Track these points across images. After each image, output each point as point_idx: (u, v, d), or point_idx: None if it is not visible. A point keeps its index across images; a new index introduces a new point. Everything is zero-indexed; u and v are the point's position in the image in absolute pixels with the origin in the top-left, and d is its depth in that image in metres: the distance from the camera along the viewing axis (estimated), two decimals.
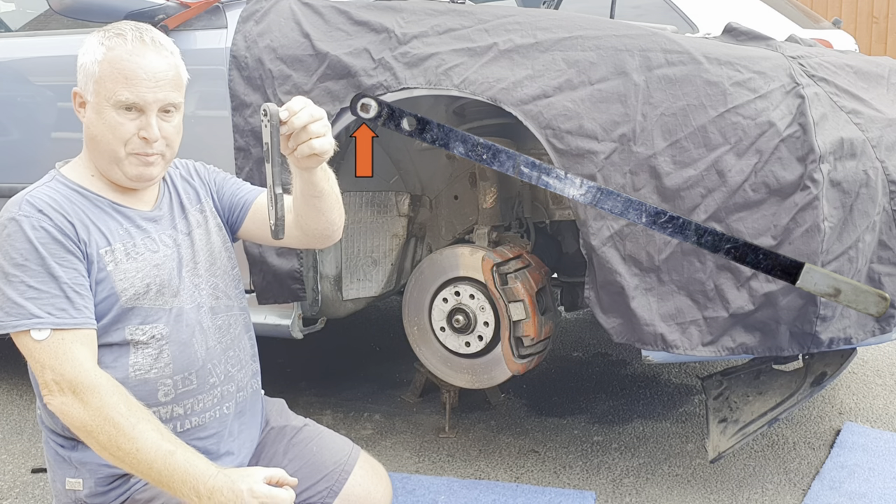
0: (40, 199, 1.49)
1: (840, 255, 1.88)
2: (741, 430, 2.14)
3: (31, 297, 1.42)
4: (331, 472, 1.75)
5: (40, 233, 1.45)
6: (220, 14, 2.41)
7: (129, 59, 1.50)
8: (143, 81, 1.49)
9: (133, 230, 1.56)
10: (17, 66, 2.71)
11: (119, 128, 1.50)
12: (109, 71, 1.49)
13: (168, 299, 1.57)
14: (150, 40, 1.53)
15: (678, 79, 1.92)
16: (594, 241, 1.95)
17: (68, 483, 1.56)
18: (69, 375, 1.41)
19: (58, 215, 1.48)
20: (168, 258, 1.59)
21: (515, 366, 2.27)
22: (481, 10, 2.16)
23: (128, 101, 1.49)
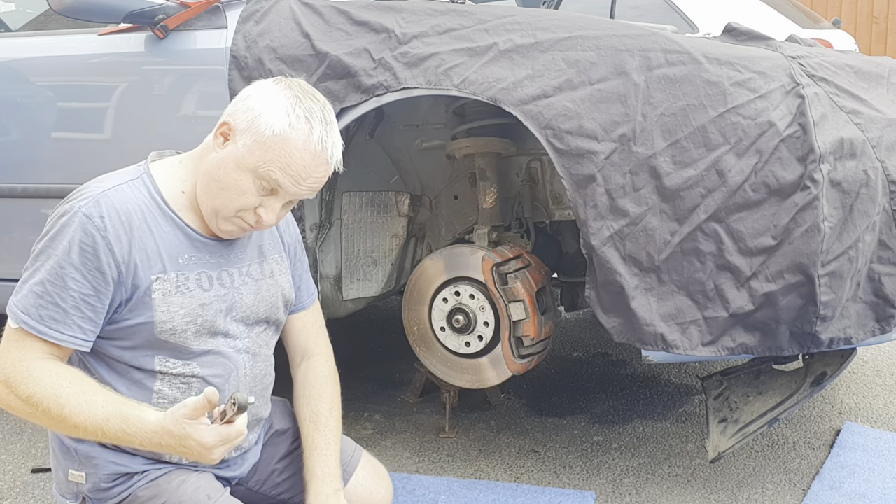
0: (113, 203, 1.44)
1: (840, 255, 1.88)
2: (741, 430, 2.14)
3: (37, 291, 1.41)
4: None
5: (87, 238, 1.41)
6: (220, 14, 2.41)
7: (301, 151, 1.43)
8: (298, 180, 1.44)
9: (193, 261, 1.51)
10: (17, 66, 2.71)
11: (244, 196, 1.45)
12: (279, 148, 1.42)
13: (206, 340, 1.53)
14: (330, 145, 1.46)
15: (678, 79, 1.92)
16: (594, 241, 1.95)
17: (71, 475, 1.55)
18: (10, 369, 1.41)
19: (118, 228, 1.43)
20: (218, 299, 1.53)
21: (515, 366, 2.27)
22: (481, 10, 2.16)
23: (272, 183, 1.44)
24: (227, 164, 1.45)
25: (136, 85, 2.49)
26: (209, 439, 1.33)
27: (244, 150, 1.43)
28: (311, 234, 2.31)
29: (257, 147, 1.43)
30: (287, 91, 1.46)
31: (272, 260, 1.65)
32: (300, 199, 1.50)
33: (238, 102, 1.48)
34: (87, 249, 1.41)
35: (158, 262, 1.47)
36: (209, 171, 1.47)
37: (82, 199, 1.43)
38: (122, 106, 2.51)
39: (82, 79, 2.59)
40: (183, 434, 1.34)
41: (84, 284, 1.41)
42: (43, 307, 1.41)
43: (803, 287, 1.88)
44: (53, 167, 2.64)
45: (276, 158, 1.42)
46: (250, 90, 1.48)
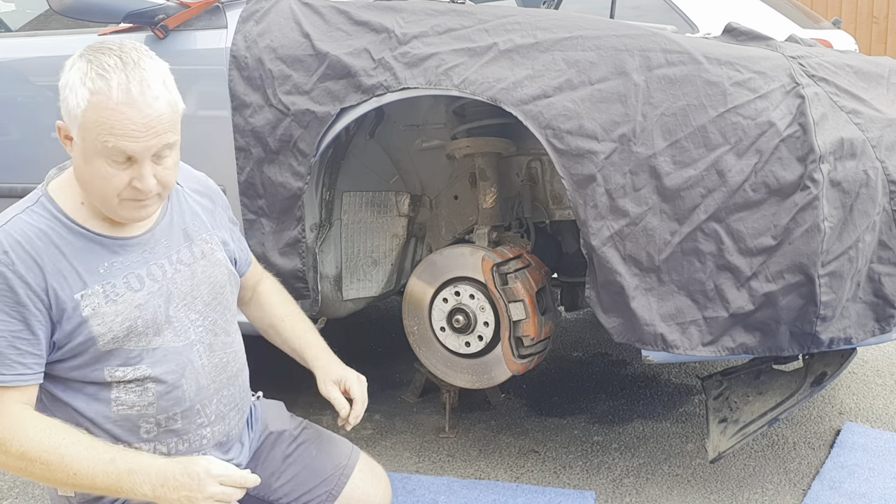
0: (14, 235, 1.39)
1: (840, 255, 1.88)
2: (741, 430, 2.14)
3: None
4: (330, 476, 1.74)
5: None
6: (220, 14, 2.41)
7: (116, 109, 1.35)
8: (136, 135, 1.36)
9: (116, 266, 1.46)
10: (17, 66, 2.71)
11: (111, 179, 1.39)
12: (94, 120, 1.35)
13: (151, 339, 1.49)
14: (139, 83, 1.36)
15: (678, 79, 1.92)
16: (594, 241, 1.95)
17: (60, 489, 1.54)
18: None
19: (26, 258, 1.38)
20: (153, 295, 1.49)
21: (515, 366, 2.27)
22: (481, 10, 2.16)
23: (119, 151, 1.37)
24: (78, 162, 1.41)
25: None
26: (217, 468, 1.38)
27: (79, 140, 1.38)
28: (311, 234, 2.31)
29: (84, 131, 1.36)
30: (80, 61, 1.38)
31: (200, 240, 1.60)
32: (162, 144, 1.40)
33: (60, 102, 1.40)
34: (1, 288, 1.36)
35: (77, 280, 1.42)
36: (77, 177, 1.44)
37: None
38: None
39: None
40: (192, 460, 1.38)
41: (11, 322, 1.37)
42: None
43: (803, 287, 1.88)
44: (53, 167, 2.63)
45: (101, 129, 1.35)
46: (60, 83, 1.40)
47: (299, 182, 2.21)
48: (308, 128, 2.18)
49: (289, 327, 1.81)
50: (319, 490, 1.72)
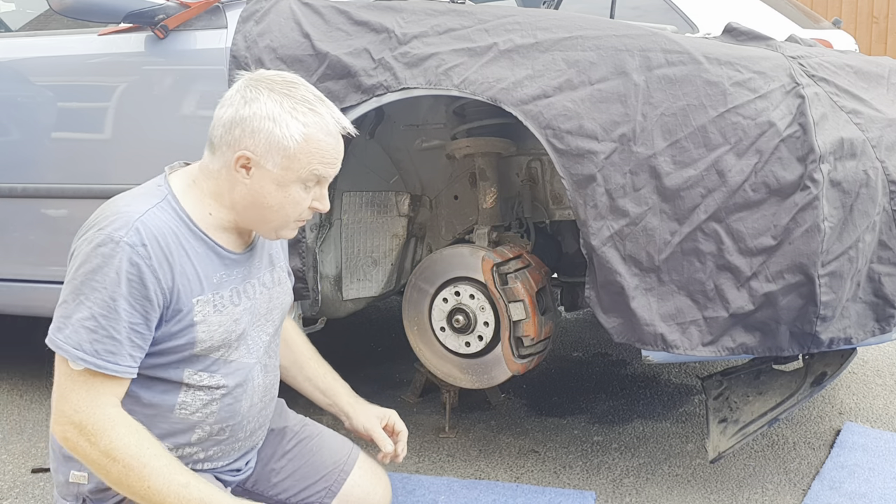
0: (150, 229, 1.42)
1: (840, 255, 1.88)
2: (741, 430, 2.14)
3: (89, 326, 1.38)
4: (329, 472, 1.75)
5: (133, 269, 1.39)
6: (220, 14, 2.41)
7: (327, 140, 1.48)
8: (334, 163, 1.51)
9: (225, 278, 1.53)
10: (17, 66, 2.71)
11: (301, 203, 1.50)
12: (307, 149, 1.46)
13: (233, 352, 1.55)
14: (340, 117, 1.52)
15: (678, 79, 1.92)
16: (594, 241, 1.95)
17: (73, 476, 1.55)
18: (84, 415, 1.39)
19: (160, 255, 1.42)
20: (245, 311, 1.56)
21: (515, 366, 2.27)
22: (481, 10, 2.16)
23: (318, 177, 1.49)
24: (268, 189, 1.47)
25: (136, 85, 2.49)
26: None
27: (278, 169, 1.46)
28: (311, 234, 2.31)
29: (290, 161, 1.46)
30: (271, 94, 1.46)
31: (279, 268, 1.68)
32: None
33: (235, 131, 1.46)
34: (133, 279, 1.39)
35: (198, 285, 1.48)
36: (253, 201, 1.49)
37: (119, 228, 1.40)
38: (122, 106, 2.51)
39: (82, 79, 2.59)
40: None
41: (134, 314, 1.40)
42: (98, 341, 1.39)
43: (803, 287, 1.88)
44: (53, 167, 2.64)
45: (312, 158, 1.47)
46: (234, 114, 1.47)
47: None
48: None
49: (313, 367, 1.86)
50: (318, 486, 1.73)
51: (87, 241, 1.41)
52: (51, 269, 2.70)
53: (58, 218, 2.68)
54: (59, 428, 1.41)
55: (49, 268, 2.71)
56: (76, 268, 1.40)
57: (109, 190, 2.53)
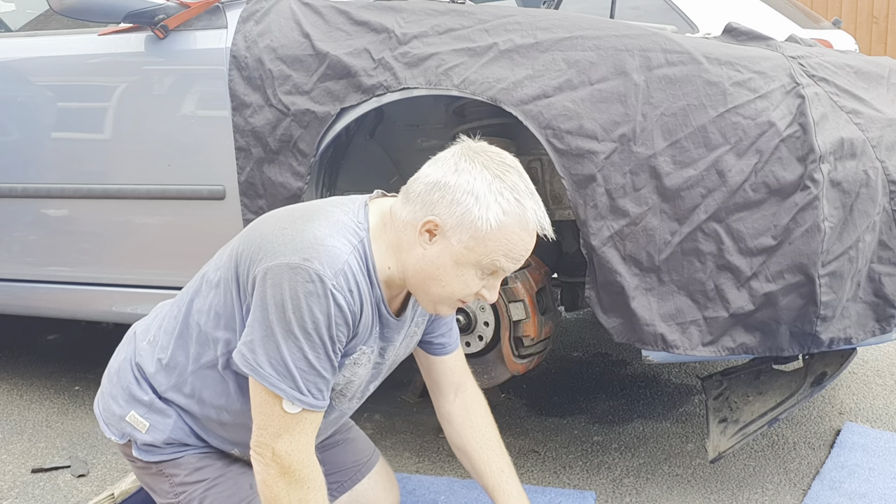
0: (354, 276, 1.41)
1: (840, 255, 1.88)
2: (741, 430, 2.14)
3: (302, 368, 1.38)
4: (346, 469, 1.77)
5: (339, 312, 1.38)
6: (220, 14, 2.41)
7: (521, 235, 1.41)
8: (520, 259, 1.44)
9: (375, 335, 1.52)
10: (17, 66, 2.71)
11: (471, 287, 1.45)
12: (497, 238, 1.40)
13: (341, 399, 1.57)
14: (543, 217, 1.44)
15: (678, 79, 1.92)
16: (594, 241, 1.95)
17: (132, 417, 1.57)
18: (293, 457, 1.40)
19: (357, 301, 1.42)
20: (375, 367, 1.57)
21: (515, 366, 2.27)
22: (481, 10, 2.16)
23: (497, 268, 1.43)
24: (445, 262, 1.43)
25: (136, 85, 2.49)
26: None
27: (461, 247, 1.41)
28: None
29: (476, 243, 1.40)
30: (484, 172, 1.41)
31: (415, 323, 1.65)
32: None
33: (435, 194, 1.42)
34: (340, 324, 1.39)
35: (367, 335, 1.48)
36: (424, 269, 1.44)
37: (327, 266, 1.37)
38: (122, 106, 2.51)
39: (82, 79, 2.59)
40: None
41: (337, 355, 1.42)
42: (309, 381, 1.40)
43: (803, 287, 1.88)
44: (53, 167, 2.64)
45: (499, 248, 1.41)
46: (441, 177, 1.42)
47: (299, 182, 2.21)
48: (308, 128, 2.18)
49: (485, 460, 1.77)
50: (332, 479, 1.74)
51: (291, 269, 1.36)
52: (51, 269, 2.70)
53: (58, 218, 2.68)
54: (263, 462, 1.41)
55: (49, 268, 2.70)
56: (282, 301, 1.36)
57: (109, 190, 2.55)
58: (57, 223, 2.68)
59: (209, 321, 1.52)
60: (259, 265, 1.39)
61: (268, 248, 1.40)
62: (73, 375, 3.17)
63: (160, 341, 1.61)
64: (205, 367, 1.53)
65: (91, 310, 2.72)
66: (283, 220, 1.47)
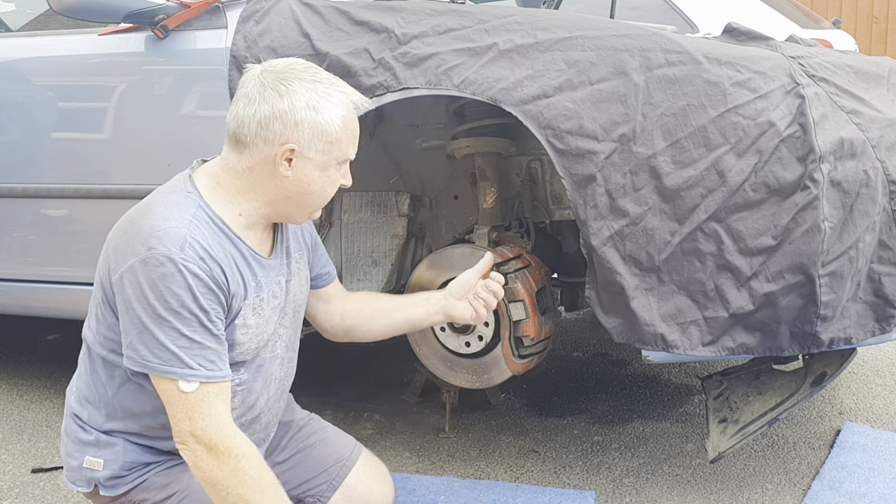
0: (200, 242, 1.44)
1: (840, 255, 1.88)
2: (741, 430, 2.14)
3: (183, 346, 1.41)
4: (331, 467, 1.76)
5: (199, 282, 1.41)
6: (220, 14, 2.41)
7: (354, 119, 1.57)
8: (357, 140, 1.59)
9: (260, 282, 1.55)
10: (17, 66, 2.71)
11: (337, 181, 1.57)
12: (344, 132, 1.54)
13: (261, 351, 1.58)
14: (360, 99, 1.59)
15: (678, 79, 1.92)
16: (594, 241, 1.95)
17: (87, 461, 1.58)
18: (210, 433, 1.42)
19: (215, 265, 1.45)
20: (274, 311, 1.58)
21: (515, 366, 2.27)
22: (481, 10, 2.16)
23: (350, 158, 1.58)
24: (312, 174, 1.53)
25: (136, 85, 2.49)
26: None
27: (320, 155, 1.52)
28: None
29: (331, 146, 1.52)
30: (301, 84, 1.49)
31: (294, 258, 1.69)
32: None
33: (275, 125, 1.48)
34: (205, 292, 1.42)
35: (243, 290, 1.51)
36: (296, 189, 1.52)
37: (171, 245, 1.41)
38: (122, 106, 2.51)
39: (82, 79, 2.59)
40: None
41: (217, 321, 1.45)
42: (197, 356, 1.42)
43: (803, 287, 1.88)
44: (53, 167, 2.64)
45: (350, 139, 1.56)
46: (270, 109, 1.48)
47: None
48: None
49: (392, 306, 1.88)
50: (319, 480, 1.74)
51: (141, 262, 1.41)
52: (51, 269, 2.70)
53: (58, 218, 2.68)
54: (184, 449, 1.43)
55: (49, 268, 2.70)
56: (142, 294, 1.40)
57: (109, 190, 2.55)
58: (57, 223, 2.68)
59: (104, 345, 1.55)
60: (114, 275, 1.45)
61: (117, 256, 1.46)
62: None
63: (79, 385, 1.66)
64: (120, 385, 1.56)
65: None
66: (123, 225, 1.52)
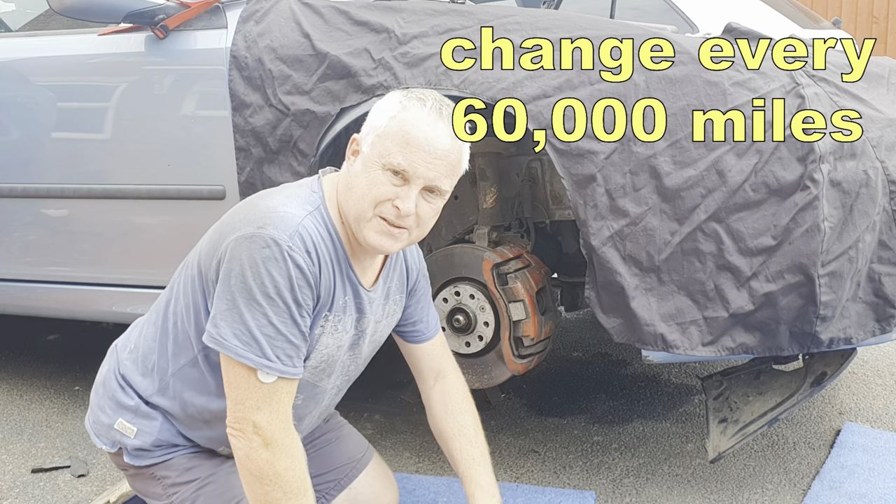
0: (311, 237, 1.41)
1: (840, 255, 1.88)
2: (741, 430, 2.14)
3: (268, 334, 1.37)
4: (341, 467, 1.77)
5: (300, 273, 1.38)
6: (220, 14, 2.41)
7: (418, 124, 1.42)
8: (420, 153, 1.41)
9: (347, 303, 1.51)
10: (17, 66, 2.71)
11: (378, 187, 1.42)
12: (395, 130, 1.42)
13: (322, 378, 1.56)
14: (448, 116, 1.45)
15: (678, 79, 1.92)
16: (594, 241, 1.95)
17: (119, 424, 1.57)
18: (274, 427, 1.39)
19: (316, 262, 1.42)
20: (348, 341, 1.55)
21: (515, 366, 2.27)
22: (481, 10, 2.16)
23: (398, 167, 1.41)
24: (357, 170, 1.45)
25: (136, 85, 2.49)
26: None
27: (368, 149, 1.44)
28: None
29: (378, 139, 1.43)
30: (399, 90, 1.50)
31: (392, 301, 1.64)
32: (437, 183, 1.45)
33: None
34: (303, 285, 1.39)
35: (329, 301, 1.47)
36: (346, 186, 1.47)
37: (282, 230, 1.38)
38: (122, 106, 2.51)
39: (82, 79, 2.59)
40: None
41: (305, 318, 1.41)
42: (278, 347, 1.38)
43: (803, 287, 1.88)
44: (53, 167, 2.64)
45: (396, 141, 1.41)
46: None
47: None
48: (308, 128, 2.18)
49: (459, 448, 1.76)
50: (328, 478, 1.74)
51: (247, 238, 1.37)
52: (51, 269, 2.70)
53: (58, 218, 2.68)
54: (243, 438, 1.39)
55: (49, 268, 2.70)
56: (241, 270, 1.37)
57: (109, 190, 2.55)
58: (57, 223, 2.68)
59: (183, 320, 1.53)
60: (219, 249, 1.42)
61: (225, 231, 1.43)
62: (73, 375, 3.17)
63: (141, 348, 1.62)
64: (185, 367, 1.54)
65: (91, 310, 2.73)
66: (241, 204, 1.51)
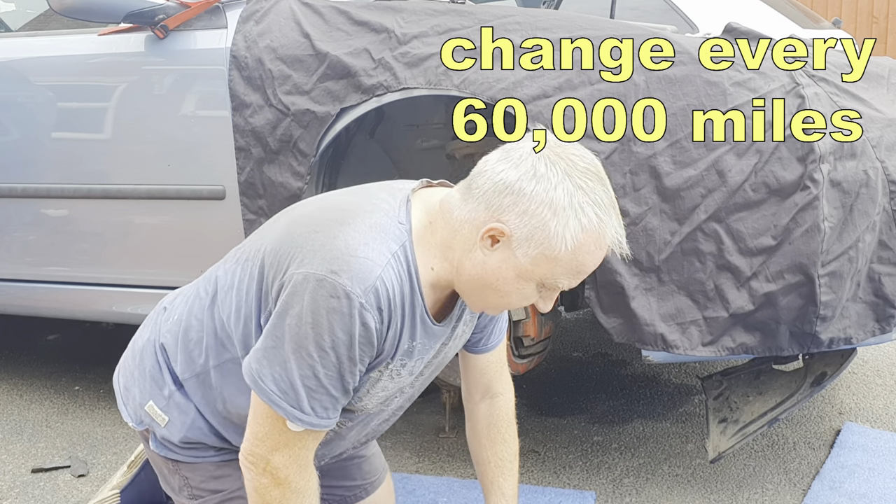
0: (388, 291, 1.27)
1: (840, 255, 1.88)
2: (741, 430, 2.14)
3: (310, 386, 1.27)
4: (355, 486, 1.72)
5: (364, 332, 1.26)
6: (220, 14, 2.41)
7: (594, 254, 1.26)
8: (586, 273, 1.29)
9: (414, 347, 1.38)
10: (17, 66, 2.71)
11: (528, 299, 1.32)
12: (570, 259, 1.25)
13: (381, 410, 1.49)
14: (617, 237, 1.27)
15: (678, 79, 1.92)
16: None
17: (150, 407, 1.49)
18: (288, 471, 1.32)
19: (387, 320, 1.29)
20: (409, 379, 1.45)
21: (515, 366, 2.27)
22: (481, 10, 2.16)
23: (558, 287, 1.30)
24: (506, 274, 1.28)
25: (136, 85, 2.49)
26: None
27: (527, 262, 1.26)
28: None
29: (545, 261, 1.25)
30: (566, 181, 1.24)
31: (464, 322, 1.51)
32: None
33: (505, 198, 1.25)
34: (363, 344, 1.27)
35: (393, 351, 1.35)
36: (482, 276, 1.29)
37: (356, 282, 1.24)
38: (122, 106, 2.51)
39: (82, 79, 2.59)
40: None
41: (354, 375, 1.30)
42: (316, 399, 1.29)
43: (803, 287, 1.88)
44: (53, 167, 2.64)
45: (569, 269, 1.26)
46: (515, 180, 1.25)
47: (299, 182, 2.21)
48: (308, 128, 2.18)
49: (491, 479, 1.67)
50: (338, 491, 1.71)
51: (318, 281, 1.24)
52: (51, 269, 2.70)
53: (58, 218, 2.68)
54: (253, 471, 1.33)
55: (49, 268, 2.70)
56: (300, 312, 1.24)
57: (109, 190, 2.55)
58: (57, 223, 2.68)
59: (231, 316, 1.42)
60: (286, 273, 1.29)
61: (296, 253, 1.28)
62: (73, 375, 3.17)
63: (183, 323, 1.51)
64: (228, 363, 1.45)
65: (91, 310, 2.72)
66: (316, 220, 1.34)
